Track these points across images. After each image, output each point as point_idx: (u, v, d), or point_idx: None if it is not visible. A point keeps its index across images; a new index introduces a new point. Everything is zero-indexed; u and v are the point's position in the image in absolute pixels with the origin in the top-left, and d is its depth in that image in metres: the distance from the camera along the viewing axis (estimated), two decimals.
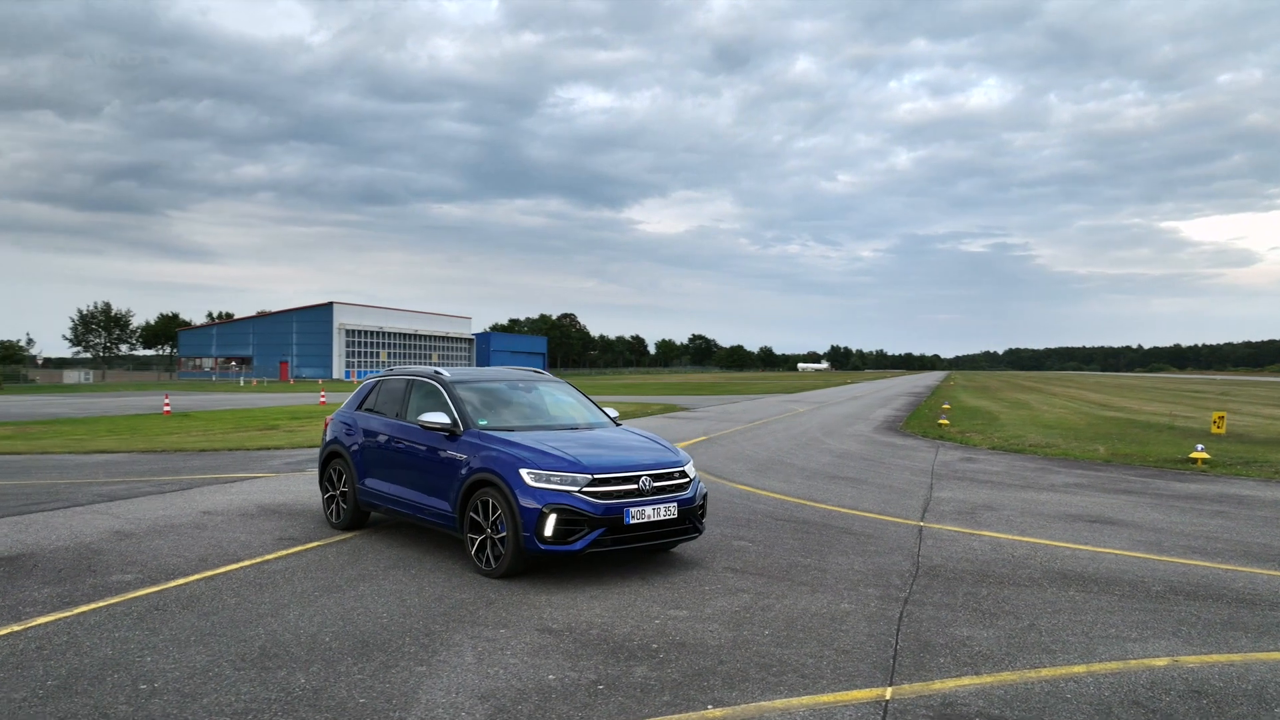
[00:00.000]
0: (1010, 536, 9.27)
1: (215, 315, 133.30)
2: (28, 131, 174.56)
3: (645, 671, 5.10)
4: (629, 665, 5.20)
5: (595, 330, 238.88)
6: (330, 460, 9.55)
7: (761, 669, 5.16)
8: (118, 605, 6.35)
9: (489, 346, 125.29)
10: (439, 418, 7.99)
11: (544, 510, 6.93)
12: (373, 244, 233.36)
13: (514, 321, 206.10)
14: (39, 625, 5.86)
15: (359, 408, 9.49)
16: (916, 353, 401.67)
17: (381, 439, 8.80)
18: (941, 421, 26.21)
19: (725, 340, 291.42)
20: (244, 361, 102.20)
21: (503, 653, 5.39)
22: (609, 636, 5.74)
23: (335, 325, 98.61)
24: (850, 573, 7.59)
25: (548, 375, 9.74)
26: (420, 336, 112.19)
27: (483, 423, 8.06)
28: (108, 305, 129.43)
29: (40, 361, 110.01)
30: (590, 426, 8.56)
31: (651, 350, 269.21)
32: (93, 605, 6.33)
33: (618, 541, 7.12)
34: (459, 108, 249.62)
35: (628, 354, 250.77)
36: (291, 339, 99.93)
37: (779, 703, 4.66)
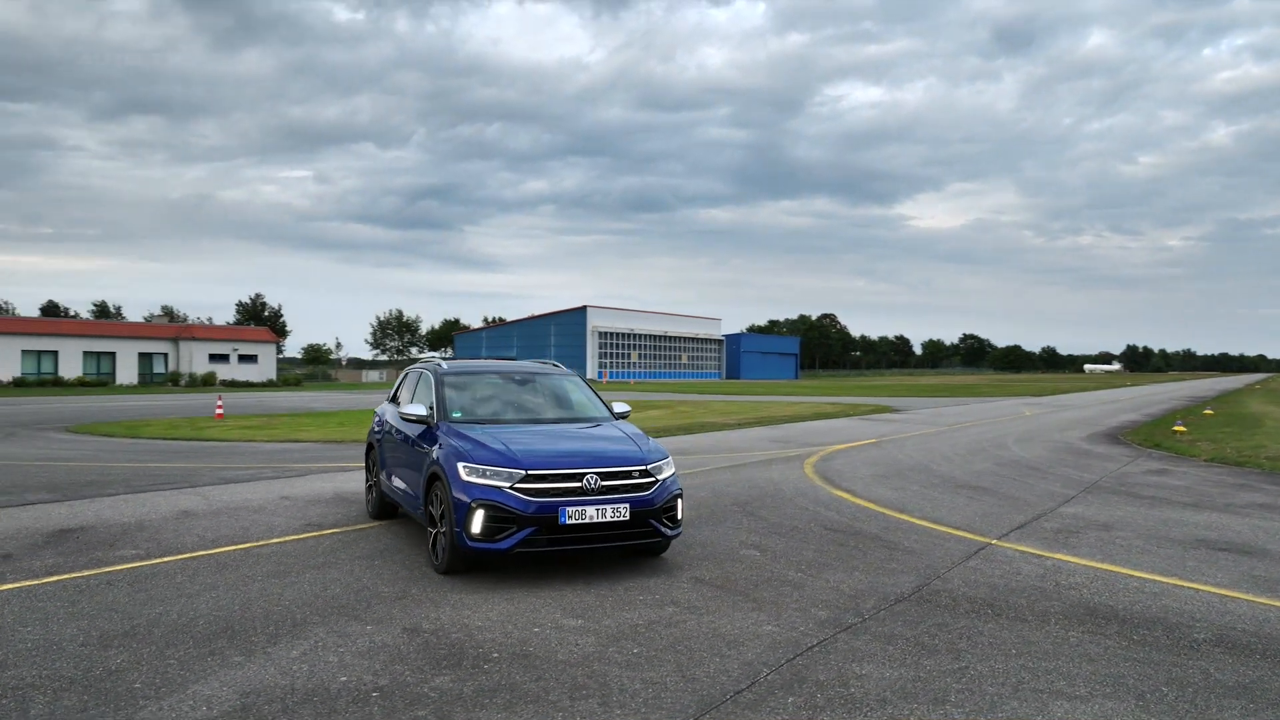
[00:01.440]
0: (1086, 562, 7.75)
1: (489, 319, 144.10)
2: (354, 161, 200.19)
3: (443, 682, 4.71)
4: (438, 673, 4.83)
5: (857, 330, 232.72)
6: (369, 451, 9.85)
7: (571, 690, 4.59)
8: (79, 578, 6.85)
9: (739, 348, 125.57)
10: (418, 409, 7.95)
11: (472, 505, 6.66)
12: (642, 250, 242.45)
13: (772, 323, 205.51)
14: (5, 589, 6.44)
15: (390, 399, 9.70)
16: (1234, 352, 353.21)
17: (390, 430, 8.93)
18: (1177, 429, 22.74)
19: (1001, 340, 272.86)
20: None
21: (336, 650, 5.20)
22: (467, 641, 5.38)
23: (589, 328, 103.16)
24: (827, 592, 6.65)
25: (556, 369, 9.44)
26: (669, 338, 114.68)
27: (456, 415, 7.92)
28: (400, 312, 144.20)
29: (344, 362, 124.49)
30: (577, 421, 8.17)
31: (918, 351, 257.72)
32: (57, 577, 6.88)
33: (554, 543, 6.69)
34: (726, 113, 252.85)
35: (891, 354, 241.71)
36: (549, 341, 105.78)
37: None
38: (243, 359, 74.90)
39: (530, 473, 6.73)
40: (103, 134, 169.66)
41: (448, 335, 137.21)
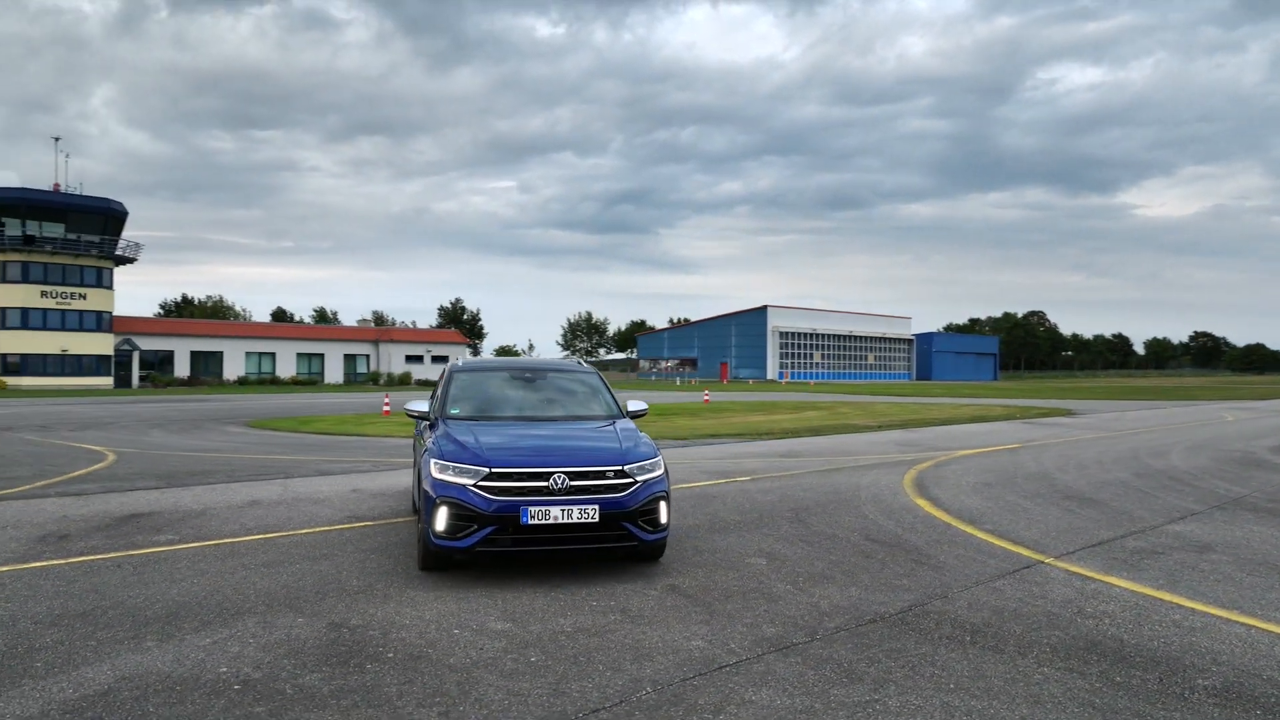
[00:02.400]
0: (1137, 587, 6.73)
1: (674, 320, 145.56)
2: (555, 170, 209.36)
3: (311, 679, 4.67)
4: (316, 670, 4.80)
5: (1069, 329, 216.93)
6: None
7: (426, 696, 4.43)
8: (99, 559, 7.37)
9: (930, 347, 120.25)
10: (420, 405, 8.02)
11: (437, 502, 6.63)
12: (839, 248, 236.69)
13: (973, 321, 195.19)
14: (30, 567, 7.04)
15: (432, 397, 9.86)
16: None
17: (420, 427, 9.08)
18: None
19: (1240, 339, 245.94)
20: (690, 363, 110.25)
21: (247, 641, 5.29)
22: (377, 639, 5.33)
23: (769, 328, 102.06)
24: (800, 608, 6.11)
25: (574, 366, 9.24)
26: (854, 338, 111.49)
27: (454, 411, 7.93)
28: (589, 314, 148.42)
29: None
30: (578, 419, 7.96)
31: (1139, 350, 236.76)
32: (82, 559, 7.44)
33: (519, 543, 6.54)
34: (927, 104, 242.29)
35: (1107, 354, 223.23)
36: (730, 341, 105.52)
37: None
38: (435, 359, 79.48)
39: (494, 470, 6.61)
40: (335, 155, 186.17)
41: (632, 336, 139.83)
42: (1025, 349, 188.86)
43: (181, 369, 67.81)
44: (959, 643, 5.38)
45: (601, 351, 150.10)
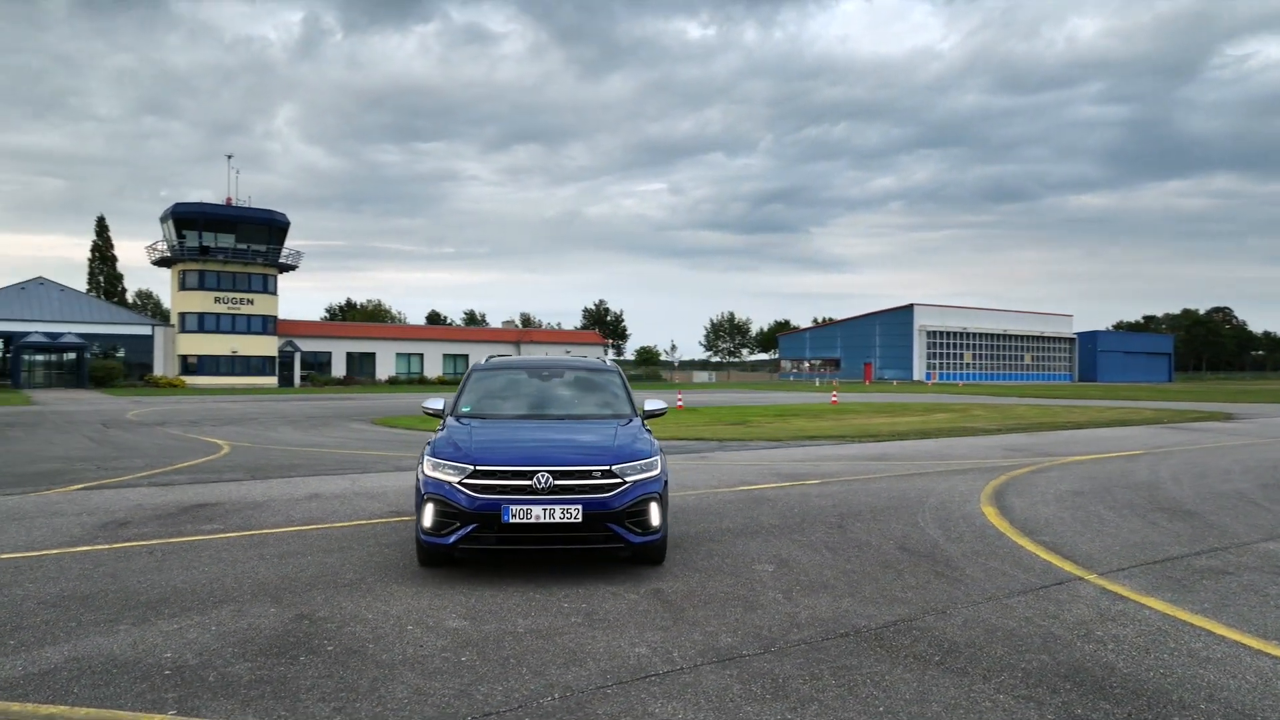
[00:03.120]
0: (1170, 610, 6.04)
1: (818, 320, 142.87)
2: (705, 172, 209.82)
3: (241, 668, 4.78)
4: (252, 659, 4.91)
5: (1259, 326, 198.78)
6: None
7: (334, 690, 4.46)
8: (137, 546, 7.85)
9: (1095, 346, 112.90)
10: (436, 404, 8.12)
11: (425, 498, 6.69)
12: (1001, 243, 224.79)
13: (1148, 319, 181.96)
14: (73, 551, 7.58)
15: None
16: None
17: None
18: None
19: None
20: (832, 364, 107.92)
21: (209, 628, 5.48)
22: (331, 632, 5.41)
23: (915, 327, 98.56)
24: (776, 618, 5.81)
25: (595, 364, 9.09)
26: (1009, 337, 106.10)
27: (465, 409, 7.99)
28: (731, 315, 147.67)
29: (677, 364, 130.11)
30: (587, 418, 7.86)
31: None
32: (123, 544, 7.94)
33: (503, 541, 6.51)
34: (1099, 89, 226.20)
35: None
36: (874, 341, 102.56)
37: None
38: None
39: (478, 468, 6.61)
40: (492, 164, 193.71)
41: (774, 337, 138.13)
42: (1208, 348, 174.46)
43: (338, 369, 72.01)
44: (923, 662, 4.96)
45: (745, 352, 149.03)
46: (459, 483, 6.59)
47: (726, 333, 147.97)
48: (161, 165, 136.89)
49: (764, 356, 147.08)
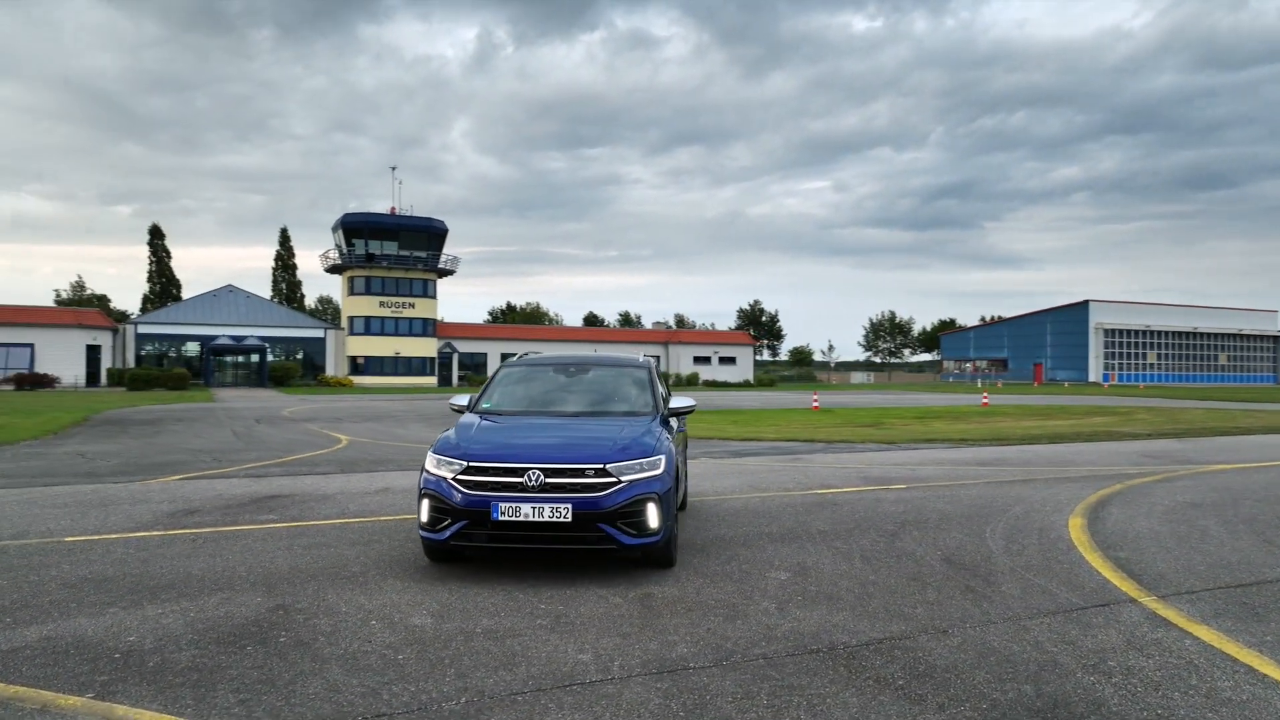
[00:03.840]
0: (1230, 646, 5.23)
1: (986, 319, 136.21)
2: (871, 168, 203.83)
3: (187, 655, 4.88)
4: (204, 646, 5.00)
5: None
6: None
7: (254, 682, 4.47)
8: (189, 533, 8.26)
9: None
10: (461, 400, 8.12)
11: (422, 494, 6.69)
12: (1203, 234, 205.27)
13: None
14: (128, 536, 8.07)
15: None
16: None
17: None
18: None
19: None
20: (999, 364, 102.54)
21: (189, 613, 5.64)
22: (299, 624, 5.46)
23: (1091, 325, 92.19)
24: (750, 631, 5.43)
25: (625, 360, 8.80)
26: (1201, 335, 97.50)
27: (485, 405, 7.95)
28: (892, 314, 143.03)
29: (833, 365, 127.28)
30: (603, 415, 7.65)
31: None
32: (177, 531, 8.37)
33: (493, 538, 6.41)
34: None
35: None
36: (1045, 340, 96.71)
37: (148, 713, 4.11)
38: (722, 361, 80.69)
39: (471, 464, 6.54)
40: (655, 167, 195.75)
41: (936, 336, 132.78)
42: None
43: (493, 369, 74.71)
44: (881, 686, 4.48)
45: (906, 352, 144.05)
46: (453, 478, 6.54)
47: (887, 332, 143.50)
48: (349, 178, 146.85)
49: (926, 357, 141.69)
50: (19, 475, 12.76)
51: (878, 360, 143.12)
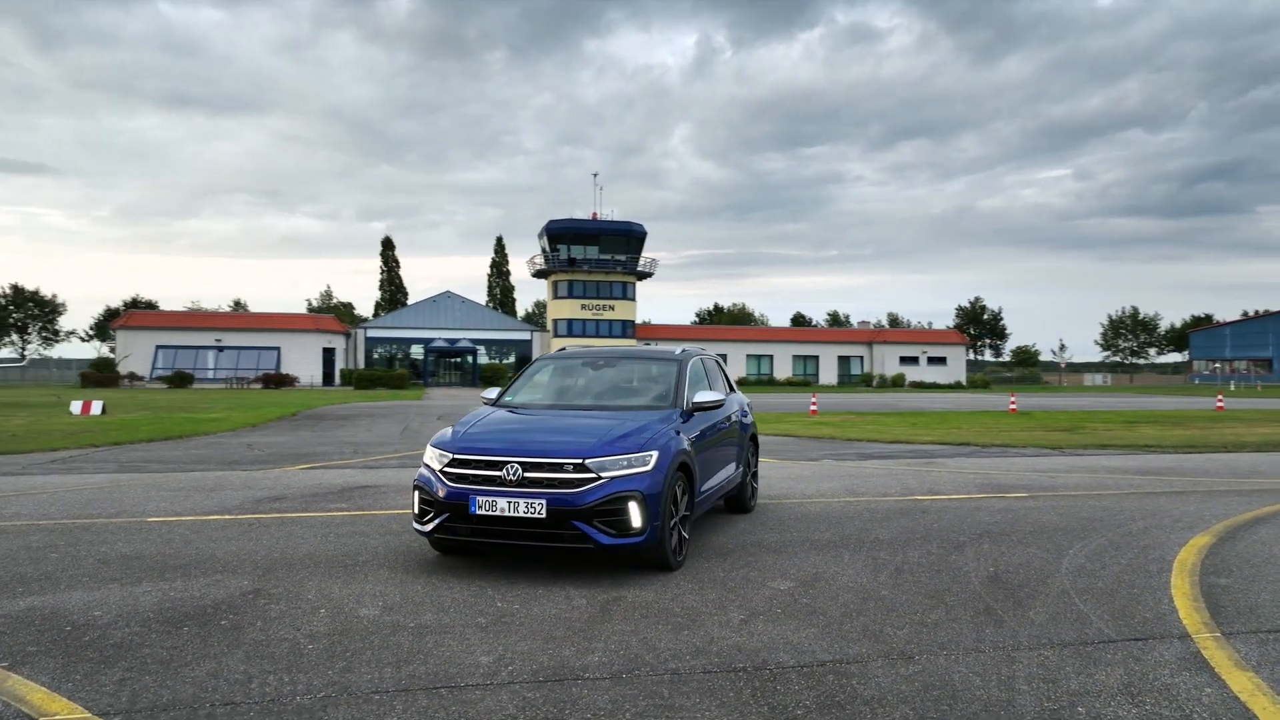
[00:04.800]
0: (1267, 699, 4.23)
1: (1250, 313, 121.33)
2: (1118, 151, 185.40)
3: (128, 632, 5.09)
4: (158, 627, 5.21)
5: None
6: None
7: (162, 660, 4.59)
8: (258, 518, 8.74)
9: None
10: (491, 394, 8.06)
11: (414, 486, 6.68)
12: None
13: None
14: (205, 519, 8.66)
15: None
16: None
17: None
18: None
19: None
20: (1262, 364, 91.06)
21: (158, 594, 5.91)
22: (254, 609, 5.59)
23: None
24: (682, 643, 4.98)
25: (655, 354, 8.33)
26: None
27: (508, 399, 7.84)
28: (1135, 310, 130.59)
29: (1064, 365, 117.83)
30: (619, 409, 7.31)
31: None
32: (253, 515, 8.88)
33: (475, 533, 6.29)
34: None
35: None
36: None
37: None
38: (931, 361, 76.84)
39: (455, 457, 6.46)
40: (876, 163, 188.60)
41: (1185, 334, 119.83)
42: None
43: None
44: (774, 713, 3.93)
45: (1151, 351, 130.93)
46: (439, 470, 6.49)
47: (1128, 330, 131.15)
48: (574, 188, 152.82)
49: (1176, 357, 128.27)
50: (177, 461, 14.12)
51: (1117, 360, 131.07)
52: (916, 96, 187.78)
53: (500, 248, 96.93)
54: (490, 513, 6.17)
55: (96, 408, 27.17)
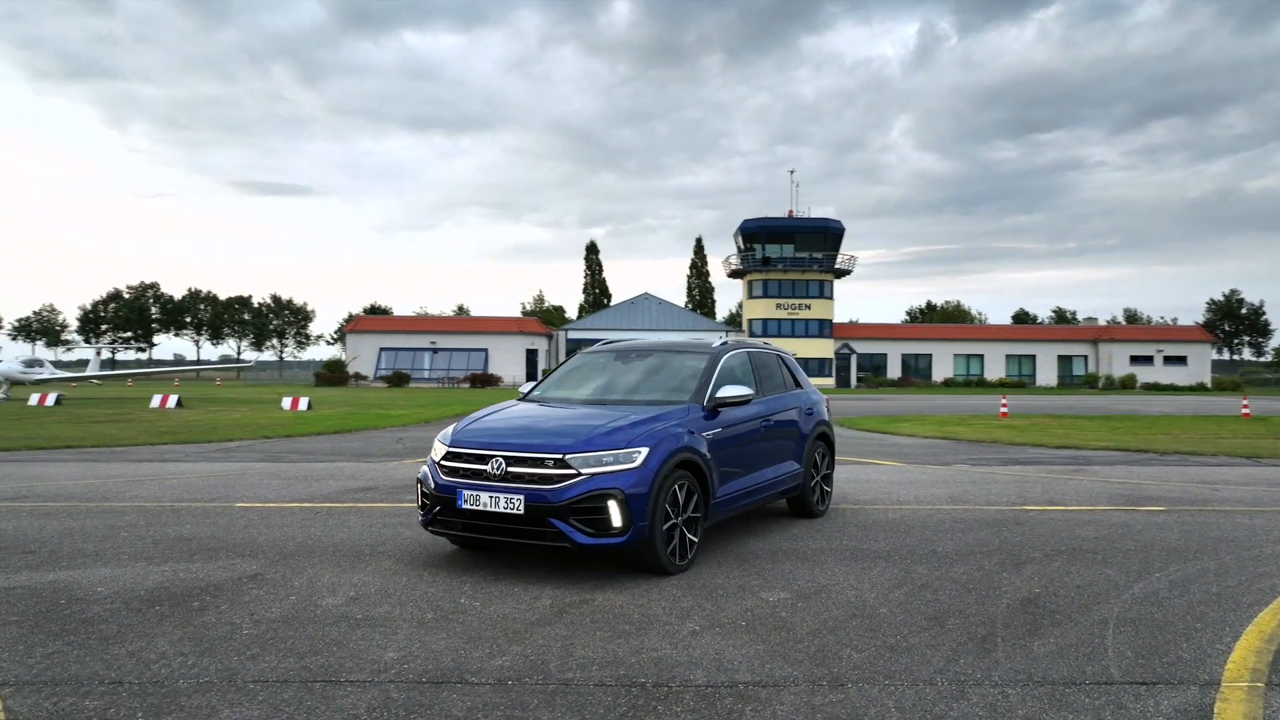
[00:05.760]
0: None
1: None
2: None
3: (97, 609, 5.41)
4: (144, 608, 5.52)
5: None
6: None
7: (118, 633, 4.84)
8: (332, 508, 9.13)
9: None
10: (527, 388, 7.95)
11: (417, 479, 6.70)
12: None
13: None
14: (288, 506, 9.17)
15: None
16: None
17: None
18: None
19: None
20: None
21: (162, 575, 6.23)
22: (233, 593, 5.79)
23: None
24: (600, 653, 4.66)
25: (695, 345, 7.84)
26: None
27: (535, 392, 7.70)
28: None
29: None
30: (627, 403, 6.97)
31: None
32: (333, 505, 9.29)
33: (468, 528, 6.21)
34: None
35: None
36: None
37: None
38: (1168, 360, 69.62)
39: (450, 450, 6.41)
40: (1122, 146, 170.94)
41: None
42: None
43: (894, 371, 72.13)
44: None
45: None
46: (437, 464, 6.47)
47: None
48: (788, 188, 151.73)
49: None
50: (320, 453, 15.11)
51: None
52: (1169, 71, 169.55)
53: (699, 249, 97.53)
54: (475, 507, 6.07)
55: (303, 403, 29.74)
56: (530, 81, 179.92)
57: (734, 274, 73.31)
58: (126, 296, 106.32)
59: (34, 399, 31.15)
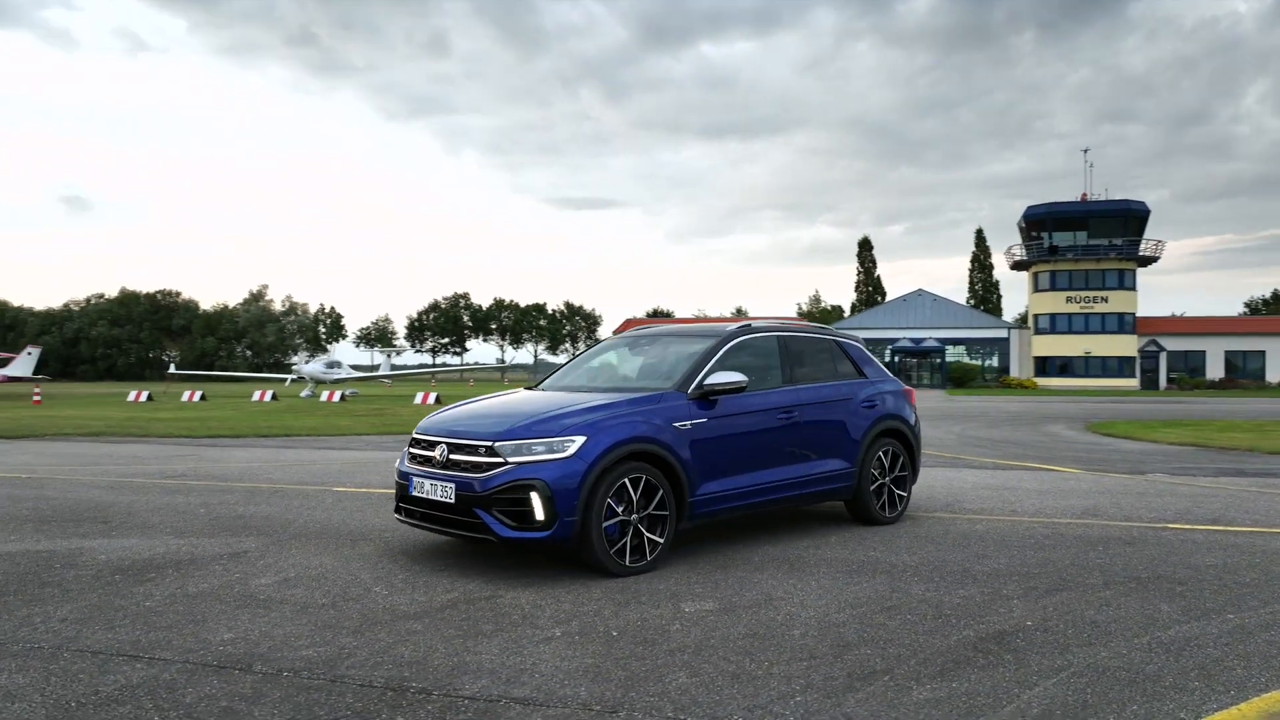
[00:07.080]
0: None
1: None
2: None
3: (64, 575, 5.89)
4: (140, 582, 5.96)
5: None
6: None
7: (90, 611, 5.26)
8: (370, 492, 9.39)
9: None
10: (539, 377, 7.70)
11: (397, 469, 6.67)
12: None
13: None
14: (327, 489, 9.59)
15: None
16: None
17: None
18: None
19: None
20: None
21: (144, 548, 6.63)
22: (199, 572, 6.07)
23: None
24: (441, 664, 4.32)
25: (715, 329, 6.99)
26: None
27: (545, 383, 7.41)
28: None
29: None
30: (620, 390, 6.45)
31: None
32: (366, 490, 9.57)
33: (417, 515, 6.10)
34: None
35: None
36: None
37: None
38: None
39: (414, 437, 6.33)
40: None
41: None
42: None
43: (1214, 370, 62.66)
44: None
45: None
46: (406, 451, 6.42)
47: None
48: (1114, 170, 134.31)
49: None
50: None
51: None
52: None
53: (981, 241, 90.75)
54: (421, 494, 5.93)
55: (432, 398, 31.59)
56: (825, 80, 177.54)
57: (1017, 265, 67.51)
58: (443, 306, 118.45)
59: (324, 396, 35.59)
